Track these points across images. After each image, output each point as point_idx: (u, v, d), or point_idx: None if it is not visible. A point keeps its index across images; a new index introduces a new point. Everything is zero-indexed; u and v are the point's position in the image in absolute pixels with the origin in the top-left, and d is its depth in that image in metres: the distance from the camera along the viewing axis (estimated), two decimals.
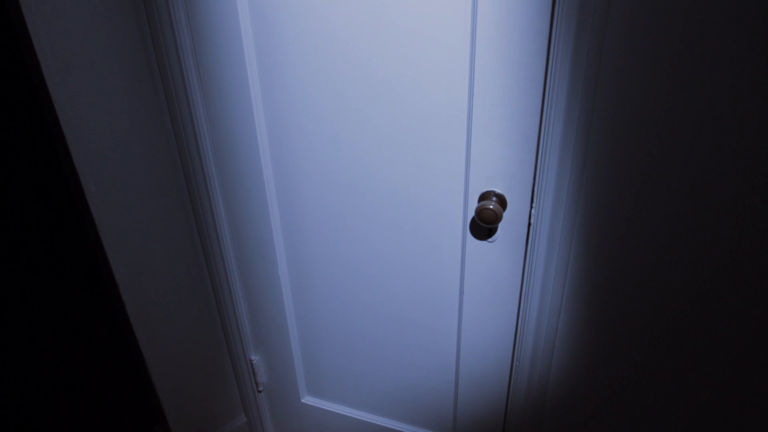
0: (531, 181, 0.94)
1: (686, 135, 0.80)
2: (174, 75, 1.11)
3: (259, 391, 1.54)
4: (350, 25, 0.95)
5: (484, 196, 0.98)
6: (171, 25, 1.05)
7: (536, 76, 0.85)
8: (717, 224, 0.84)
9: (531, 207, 0.96)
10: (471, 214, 1.02)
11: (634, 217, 0.89)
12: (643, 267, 0.93)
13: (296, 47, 1.01)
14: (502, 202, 0.97)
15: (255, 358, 1.48)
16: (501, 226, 1.01)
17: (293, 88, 1.05)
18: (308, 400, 1.50)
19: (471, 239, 1.05)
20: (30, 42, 0.93)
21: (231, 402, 1.58)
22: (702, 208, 0.84)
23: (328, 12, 0.95)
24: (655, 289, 0.94)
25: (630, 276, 0.94)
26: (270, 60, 1.05)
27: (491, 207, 0.94)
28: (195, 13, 1.04)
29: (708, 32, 0.73)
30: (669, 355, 0.99)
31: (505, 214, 0.99)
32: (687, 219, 0.86)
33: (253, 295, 1.37)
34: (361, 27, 0.94)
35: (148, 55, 1.11)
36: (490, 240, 1.03)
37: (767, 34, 0.71)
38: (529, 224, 0.98)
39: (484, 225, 0.96)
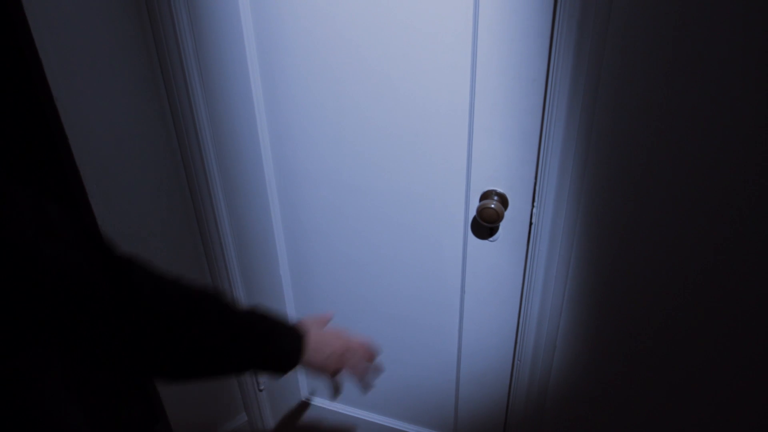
0: (532, 181, 0.94)
1: (688, 135, 0.80)
2: (176, 73, 1.11)
3: (260, 390, 1.54)
4: (352, 24, 0.94)
5: (486, 195, 0.98)
6: (173, 24, 1.05)
7: (538, 75, 0.85)
8: (718, 225, 0.84)
9: (532, 206, 0.96)
10: (472, 213, 1.02)
11: (635, 216, 0.89)
12: (644, 266, 0.93)
13: (298, 46, 1.01)
14: (503, 201, 0.97)
15: None
16: (502, 225, 1.01)
17: (295, 86, 1.05)
18: (309, 398, 1.50)
19: (472, 238, 1.05)
20: (32, 41, 0.93)
21: (232, 401, 1.58)
22: (704, 209, 0.84)
23: (331, 11, 0.95)
24: (656, 289, 0.94)
25: (631, 275, 0.94)
26: (271, 58, 1.05)
27: (493, 206, 0.94)
28: (196, 12, 1.04)
29: (709, 32, 0.73)
30: (670, 354, 0.99)
31: (507, 214, 0.99)
32: (688, 219, 0.86)
33: (255, 293, 1.37)
34: (363, 26, 0.94)
35: (150, 53, 1.11)
36: (491, 239, 1.03)
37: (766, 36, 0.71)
38: (531, 224, 0.98)
39: (485, 224, 0.96)
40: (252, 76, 1.07)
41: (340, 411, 1.46)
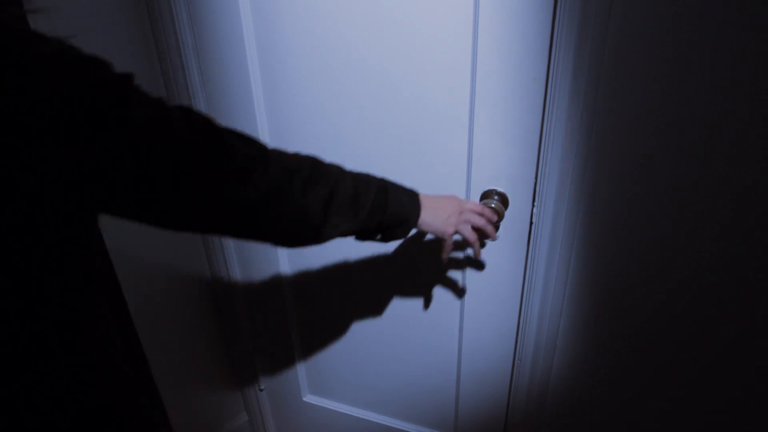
0: (533, 180, 0.94)
1: (688, 134, 0.80)
2: (176, 74, 1.11)
3: (261, 390, 1.54)
4: (352, 24, 0.94)
5: (486, 195, 0.98)
6: (173, 24, 1.05)
7: (538, 74, 0.85)
8: (719, 225, 0.85)
9: (533, 206, 0.96)
10: None
11: (636, 216, 0.89)
12: (644, 266, 0.93)
13: (298, 47, 1.01)
14: (503, 200, 0.97)
15: (257, 357, 1.48)
16: (503, 224, 1.01)
17: (295, 86, 1.05)
18: (309, 398, 1.50)
19: None
20: None
21: (233, 401, 1.58)
22: (704, 209, 0.84)
23: (331, 11, 0.95)
24: (656, 289, 0.94)
25: (631, 275, 0.95)
26: (272, 59, 1.05)
27: (493, 206, 0.94)
28: (197, 12, 1.04)
29: (709, 31, 0.73)
30: (670, 354, 0.99)
31: (507, 213, 0.99)
32: (689, 219, 0.86)
33: (255, 294, 1.38)
34: (364, 26, 0.94)
35: (150, 55, 1.11)
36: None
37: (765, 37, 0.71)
38: (531, 223, 0.98)
39: None
40: (252, 76, 1.07)
41: (341, 411, 1.46)
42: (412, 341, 1.25)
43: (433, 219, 0.81)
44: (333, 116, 1.05)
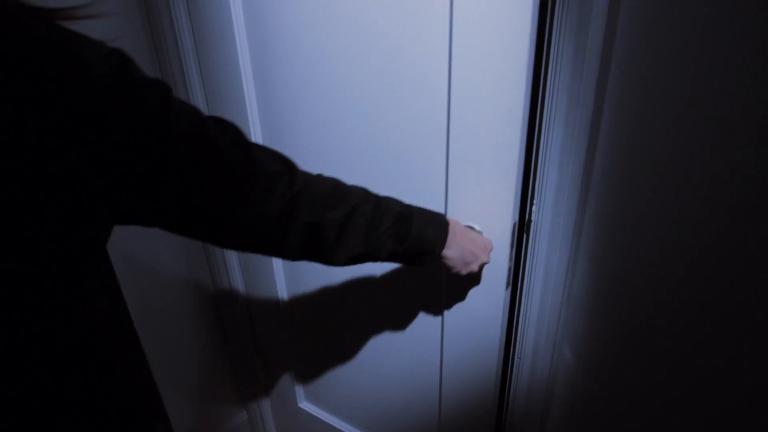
0: (531, 181, 0.90)
1: (689, 134, 0.75)
2: (176, 78, 1.15)
3: (260, 390, 1.57)
4: (335, 45, 0.93)
5: None
6: (172, 26, 1.09)
7: (513, 106, 0.78)
8: (722, 225, 0.78)
9: (531, 204, 0.91)
10: None
11: (635, 216, 0.85)
12: (644, 266, 0.88)
13: (288, 55, 1.01)
14: None
15: (256, 360, 1.51)
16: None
17: (287, 93, 1.06)
18: (305, 405, 1.51)
19: None
20: None
21: (232, 400, 1.62)
22: (706, 209, 0.79)
23: (325, 17, 0.93)
24: (657, 288, 0.89)
25: (631, 275, 0.90)
26: (265, 63, 1.06)
27: None
28: (197, 14, 1.07)
29: (709, 29, 0.67)
30: (673, 355, 0.93)
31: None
32: (690, 219, 0.81)
33: (254, 297, 1.39)
34: (347, 47, 0.92)
35: (150, 54, 1.15)
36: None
37: None
38: (530, 222, 0.93)
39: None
40: (245, 85, 1.09)
41: (331, 423, 1.46)
42: (396, 361, 1.22)
43: (458, 255, 0.79)
44: (321, 129, 1.05)
